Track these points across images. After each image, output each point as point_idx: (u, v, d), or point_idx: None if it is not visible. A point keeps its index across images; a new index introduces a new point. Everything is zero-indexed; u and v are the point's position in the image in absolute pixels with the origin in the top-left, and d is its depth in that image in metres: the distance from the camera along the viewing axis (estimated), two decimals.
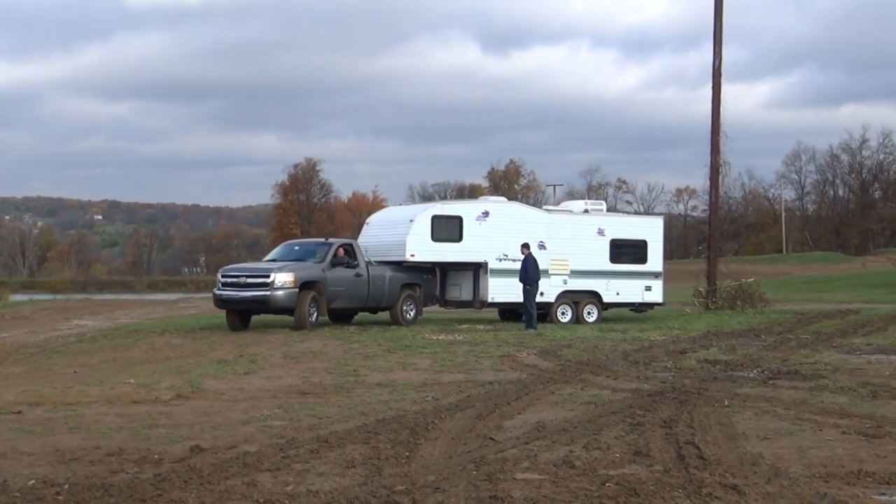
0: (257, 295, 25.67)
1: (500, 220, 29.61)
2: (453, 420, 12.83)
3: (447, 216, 29.18)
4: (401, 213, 33.07)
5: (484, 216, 29.40)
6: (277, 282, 25.49)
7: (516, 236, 29.08)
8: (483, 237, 29.14)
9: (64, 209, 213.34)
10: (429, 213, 29.18)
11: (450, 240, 28.77)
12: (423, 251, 28.38)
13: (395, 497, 8.76)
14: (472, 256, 29.12)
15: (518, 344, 22.44)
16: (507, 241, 29.12)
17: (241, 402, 15.18)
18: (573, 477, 9.48)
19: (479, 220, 29.27)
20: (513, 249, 28.90)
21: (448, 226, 28.89)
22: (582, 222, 31.55)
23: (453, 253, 28.95)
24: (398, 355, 20.72)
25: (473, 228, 29.11)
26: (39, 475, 10.21)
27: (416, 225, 28.41)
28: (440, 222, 28.79)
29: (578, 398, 14.61)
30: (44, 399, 16.06)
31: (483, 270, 29.23)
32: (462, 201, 32.41)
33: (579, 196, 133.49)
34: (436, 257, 28.91)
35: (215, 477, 9.81)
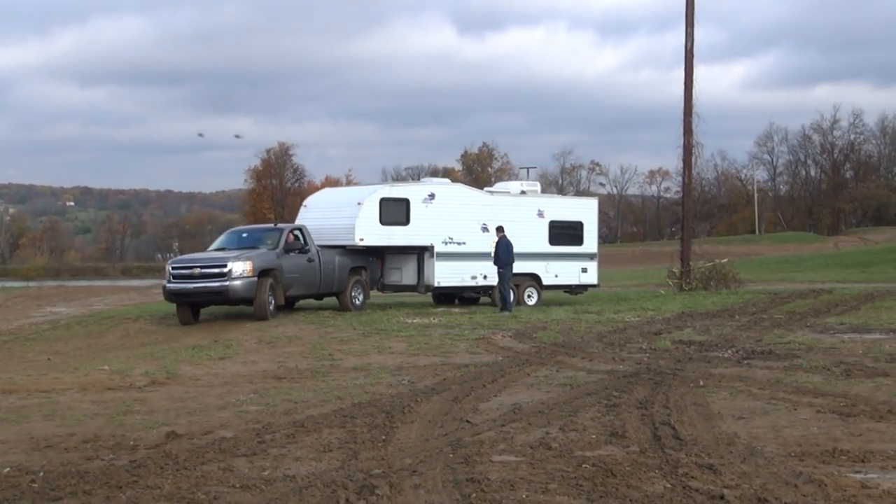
0: (214, 286, 24.45)
1: (446, 203, 29.01)
2: (429, 403, 12.85)
3: (395, 199, 28.28)
4: (345, 195, 32.35)
5: (430, 199, 28.79)
6: (235, 271, 24.36)
7: (461, 219, 29.02)
8: (429, 220, 28.54)
9: (36, 196, 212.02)
10: (377, 195, 28.03)
11: (398, 223, 28.00)
12: (371, 235, 27.55)
13: (372, 480, 8.75)
14: (420, 240, 28.44)
15: (493, 326, 22.46)
16: (452, 223, 28.87)
17: (217, 388, 15.15)
18: (550, 458, 9.50)
19: (425, 202, 28.60)
20: (458, 232, 28.84)
21: (396, 209, 28.11)
22: (522, 204, 31.20)
23: (401, 236, 28.18)
24: (374, 339, 20.71)
25: (420, 211, 28.41)
26: (14, 463, 10.17)
27: (365, 208, 27.39)
28: (388, 205, 27.91)
29: (554, 380, 14.65)
30: (18, 387, 15.99)
31: (429, 254, 28.60)
32: (408, 184, 31.20)
33: (553, 179, 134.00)
34: (384, 241, 28.05)
35: (191, 462, 9.80)
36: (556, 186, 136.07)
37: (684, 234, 37.80)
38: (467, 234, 29.17)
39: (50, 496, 8.76)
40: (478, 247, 29.20)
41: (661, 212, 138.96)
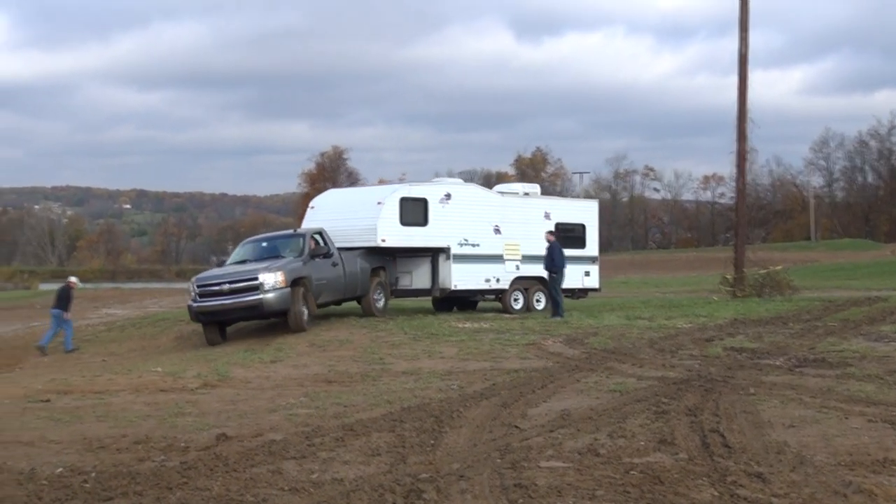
0: (247, 301, 23.08)
1: (461, 204, 28.30)
2: (478, 408, 12.84)
3: (414, 198, 27.34)
4: (359, 195, 31.07)
5: (446, 199, 27.96)
6: (267, 283, 23.05)
7: (476, 220, 28.38)
8: (446, 221, 27.73)
9: (93, 198, 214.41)
10: (397, 195, 27.11)
11: (416, 223, 27.11)
12: (392, 236, 26.60)
13: (420, 485, 8.77)
14: (437, 241, 27.61)
15: (544, 332, 22.39)
16: (468, 224, 28.21)
17: (268, 391, 15.26)
18: (598, 465, 9.46)
19: (442, 202, 27.78)
20: (473, 233, 28.24)
21: (415, 209, 27.22)
22: (530, 206, 30.63)
23: (420, 238, 27.30)
24: (424, 343, 20.73)
25: (437, 212, 27.55)
26: (67, 463, 10.33)
27: (386, 208, 26.50)
28: (408, 205, 27.03)
29: (604, 386, 14.58)
30: (72, 388, 16.23)
31: (445, 256, 27.79)
32: (426, 183, 29.30)
33: (606, 184, 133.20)
34: (405, 242, 27.04)
35: (241, 465, 9.90)
36: (608, 191, 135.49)
37: (738, 241, 37.46)
38: (481, 235, 28.62)
39: (101, 496, 8.89)
40: (491, 249, 28.80)
41: (716, 217, 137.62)
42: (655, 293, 39.83)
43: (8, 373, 19.83)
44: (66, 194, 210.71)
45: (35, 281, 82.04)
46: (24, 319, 36.79)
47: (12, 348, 25.59)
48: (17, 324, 35.00)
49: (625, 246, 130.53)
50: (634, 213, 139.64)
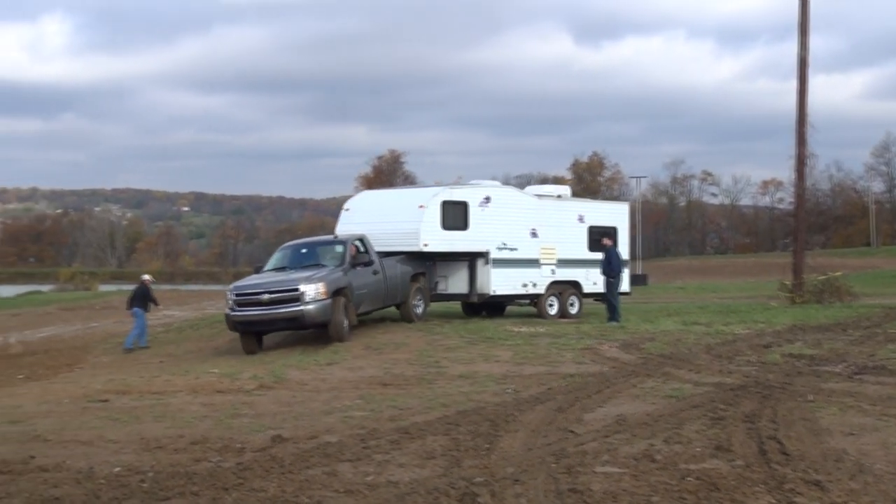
0: (287, 312, 22.25)
1: (500, 207, 27.68)
2: (534, 412, 12.81)
3: (455, 202, 26.61)
4: (397, 197, 29.80)
5: (486, 202, 27.30)
6: (308, 294, 22.20)
7: (513, 224, 27.86)
8: (485, 224, 27.11)
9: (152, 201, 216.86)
10: (439, 198, 26.25)
11: (457, 228, 26.47)
12: (434, 240, 25.86)
13: (475, 489, 8.76)
14: (477, 245, 26.92)
15: (600, 337, 22.27)
16: (506, 228, 27.64)
17: (323, 393, 15.32)
18: (653, 471, 9.41)
19: (481, 206, 27.11)
20: (511, 237, 27.66)
21: (455, 212, 26.50)
22: (565, 209, 30.04)
23: (461, 242, 26.59)
24: (480, 347, 20.71)
25: (477, 215, 26.91)
26: (125, 463, 10.44)
27: (428, 212, 25.72)
28: (449, 209, 26.30)
29: (660, 392, 14.49)
30: (130, 388, 16.40)
31: (484, 260, 27.12)
32: (466, 185, 28.46)
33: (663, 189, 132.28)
34: (446, 246, 26.32)
35: (296, 466, 9.94)
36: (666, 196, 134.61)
37: (797, 246, 37.11)
38: (519, 239, 28.06)
39: (158, 496, 8.97)
40: (528, 253, 28.31)
41: (774, 223, 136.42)
42: (713, 298, 39.52)
43: (68, 373, 20.07)
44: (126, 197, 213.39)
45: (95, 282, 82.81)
46: (83, 320, 37.25)
47: (72, 349, 25.90)
48: (77, 324, 35.46)
49: (682, 251, 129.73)
50: (692, 217, 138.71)
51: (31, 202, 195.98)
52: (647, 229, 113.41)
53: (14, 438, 12.35)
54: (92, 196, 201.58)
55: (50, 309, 44.80)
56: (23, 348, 27.70)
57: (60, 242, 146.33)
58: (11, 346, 28.72)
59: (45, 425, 13.22)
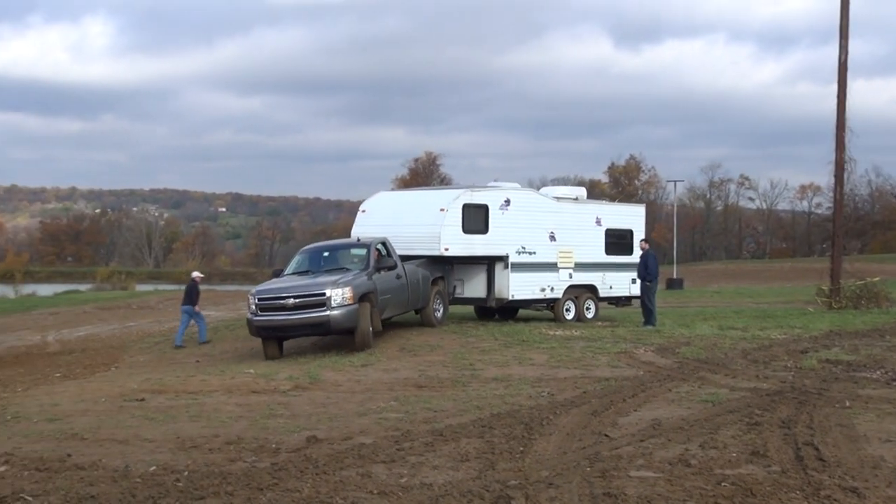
0: (313, 317, 21.53)
1: (520, 210, 27.08)
2: (568, 416, 12.78)
3: (476, 205, 26.04)
4: (416, 199, 28.81)
5: (506, 205, 26.71)
6: (335, 299, 21.48)
7: (532, 227, 27.34)
8: (505, 228, 26.56)
9: (189, 201, 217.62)
10: (460, 200, 25.68)
11: (478, 231, 25.93)
12: (455, 244, 25.38)
13: (509, 492, 8.77)
14: (497, 249, 26.46)
15: (635, 340, 22.20)
16: (525, 231, 27.14)
17: (358, 394, 15.32)
18: (688, 476, 9.38)
19: (501, 209, 26.56)
20: (530, 241, 27.19)
21: (476, 216, 25.94)
22: (582, 211, 29.47)
23: (481, 246, 26.11)
24: (515, 350, 20.68)
25: (497, 218, 26.37)
26: (160, 462, 10.49)
27: (450, 215, 25.22)
28: (470, 212, 25.75)
29: (696, 396, 14.41)
30: (166, 387, 16.47)
31: (503, 264, 26.67)
32: (486, 188, 27.69)
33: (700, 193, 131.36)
34: (466, 250, 25.84)
35: (331, 467, 9.96)
36: (703, 200, 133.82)
37: (835, 251, 36.81)
38: (538, 242, 27.59)
39: (193, 495, 9.01)
40: (547, 256, 27.79)
41: (812, 228, 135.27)
42: (749, 303, 39.24)
43: (105, 372, 20.20)
44: (164, 197, 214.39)
45: (132, 282, 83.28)
46: (121, 320, 37.52)
47: (109, 348, 26.07)
48: (114, 324, 35.70)
49: (718, 255, 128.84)
50: (728, 222, 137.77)
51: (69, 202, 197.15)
52: (684, 233, 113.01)
53: (51, 436, 12.42)
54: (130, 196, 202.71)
55: (87, 308, 45.16)
56: (60, 347, 27.93)
57: (98, 242, 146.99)
58: (49, 345, 28.96)
59: (81, 424, 13.29)
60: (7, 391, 17.44)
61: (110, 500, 8.93)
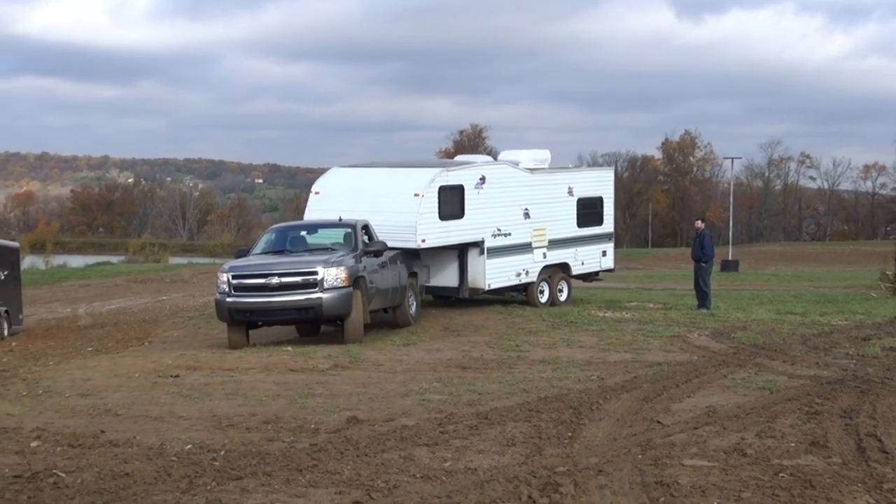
0: (301, 300, 18.86)
1: (495, 187, 24.27)
2: (619, 401, 12.48)
3: (451, 186, 23.11)
4: (381, 179, 24.60)
5: (481, 183, 23.83)
6: (328, 279, 18.84)
7: (507, 205, 24.66)
8: (481, 210, 23.76)
9: (225, 172, 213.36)
10: (436, 183, 22.65)
11: (453, 216, 23.08)
12: (432, 234, 22.44)
13: (557, 478, 8.56)
14: (472, 234, 23.62)
15: (689, 324, 21.77)
16: (500, 211, 24.37)
17: (400, 374, 15.10)
18: (744, 465, 9.12)
19: (476, 188, 23.71)
20: (506, 221, 24.51)
21: (452, 199, 23.06)
22: (556, 181, 26.76)
23: (456, 232, 23.21)
24: (563, 332, 20.35)
25: (473, 200, 23.56)
26: (196, 440, 10.35)
27: (425, 201, 22.22)
28: (445, 195, 22.85)
29: (752, 383, 14.00)
30: (201, 364, 16.33)
31: (478, 250, 23.86)
32: (461, 166, 24.54)
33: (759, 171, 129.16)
34: (443, 240, 22.91)
35: (372, 449, 9.78)
36: (761, 179, 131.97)
37: None
38: (512, 222, 24.86)
39: (230, 475, 8.87)
40: (521, 237, 25.10)
41: (875, 209, 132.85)
42: (808, 287, 38.54)
43: (137, 346, 20.07)
44: (199, 167, 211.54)
45: (165, 254, 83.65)
46: (153, 293, 37.55)
47: (141, 322, 25.96)
48: (146, 297, 35.73)
49: (776, 237, 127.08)
50: (788, 202, 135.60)
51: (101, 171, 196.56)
52: (740, 213, 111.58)
53: (84, 412, 12.32)
54: (164, 165, 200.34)
55: (119, 281, 45.41)
56: (91, 320, 27.89)
57: (131, 213, 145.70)
58: (80, 318, 28.95)
59: (115, 399, 13.18)
60: (38, 365, 17.33)
61: (145, 478, 8.81)
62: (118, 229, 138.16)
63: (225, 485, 8.54)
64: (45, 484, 8.66)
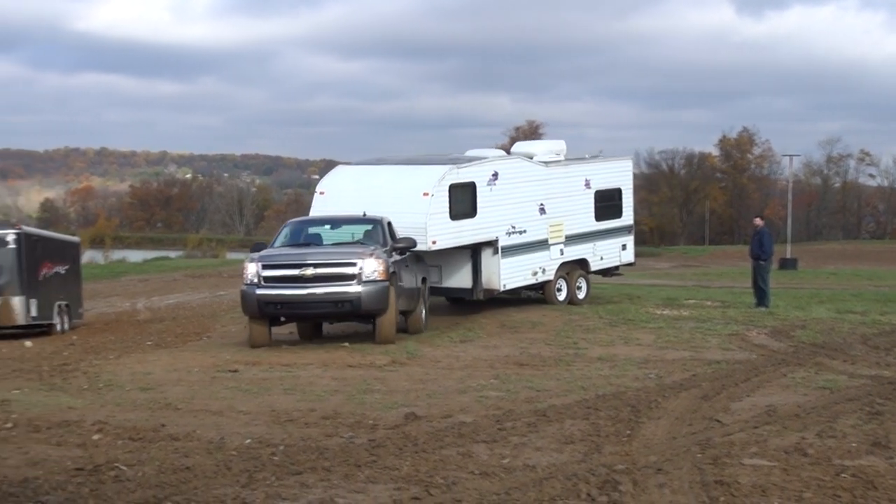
0: (339, 293, 17.73)
1: (508, 183, 23.11)
2: (677, 399, 12.40)
3: (462, 184, 21.88)
4: (389, 178, 22.92)
5: (493, 179, 22.64)
6: (367, 272, 17.76)
7: (521, 201, 23.49)
8: (494, 207, 22.57)
9: (282, 167, 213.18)
10: (446, 181, 21.41)
11: (465, 215, 21.87)
12: (444, 235, 21.21)
13: (616, 476, 8.50)
14: (486, 234, 22.43)
15: (748, 323, 21.57)
16: (514, 208, 23.23)
17: (457, 371, 15.10)
18: (805, 465, 9.00)
19: (489, 184, 22.52)
20: (520, 218, 23.35)
21: (463, 197, 21.86)
22: (572, 174, 25.54)
23: (469, 232, 22.00)
24: (620, 329, 20.25)
25: (485, 197, 22.38)
26: (255, 434, 10.40)
27: (435, 201, 20.99)
28: (457, 194, 21.65)
29: (812, 382, 13.87)
30: (260, 359, 16.43)
31: (492, 250, 22.65)
32: (472, 162, 23.04)
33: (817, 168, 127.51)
34: (454, 241, 21.67)
35: (430, 445, 9.77)
36: (819, 176, 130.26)
37: None
38: (527, 218, 23.70)
39: (290, 470, 8.88)
40: (538, 234, 23.96)
41: None
42: (868, 286, 38.03)
43: (196, 341, 20.19)
44: (256, 163, 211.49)
45: (222, 249, 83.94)
46: (211, 288, 37.84)
47: (200, 317, 26.13)
48: (204, 292, 35.99)
49: (835, 235, 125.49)
50: (847, 200, 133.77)
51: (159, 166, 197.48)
52: (798, 210, 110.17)
53: (144, 405, 12.43)
54: (221, 161, 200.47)
55: (177, 276, 45.81)
56: (150, 315, 28.12)
57: (189, 208, 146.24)
58: (139, 312, 29.20)
59: (175, 393, 13.30)
60: (99, 358, 17.51)
61: (205, 472, 8.84)
62: (176, 225, 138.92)
63: (284, 479, 8.56)
64: (107, 477, 8.72)
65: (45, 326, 23.95)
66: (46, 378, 15.08)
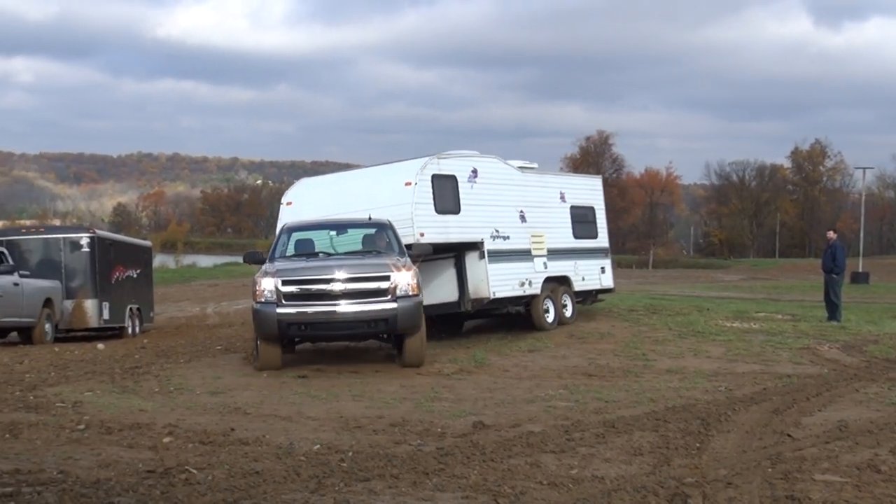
0: (373, 310, 15.76)
1: (487, 182, 21.62)
2: (747, 413, 12.26)
3: (443, 176, 20.37)
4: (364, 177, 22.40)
5: (473, 176, 21.12)
6: (401, 287, 15.89)
7: (502, 204, 22.03)
8: (476, 205, 21.04)
9: None
10: (428, 171, 19.93)
11: (450, 211, 20.31)
12: (430, 228, 19.43)
13: (685, 489, 8.38)
14: (471, 233, 20.77)
15: (819, 336, 21.33)
16: (496, 210, 21.71)
17: (525, 380, 15.08)
18: (878, 482, 8.81)
19: (469, 181, 21.01)
20: (503, 222, 21.82)
21: (446, 191, 20.33)
22: (547, 184, 24.32)
23: (455, 230, 20.36)
24: (689, 341, 20.11)
25: (467, 193, 20.84)
26: (324, 440, 10.42)
27: (419, 190, 19.44)
28: (439, 185, 20.11)
29: (885, 398, 13.65)
30: (328, 365, 16.48)
31: (478, 254, 20.86)
32: (452, 155, 21.42)
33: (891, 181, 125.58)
34: (442, 237, 19.76)
35: (498, 455, 9.71)
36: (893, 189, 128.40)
37: None
38: (509, 224, 22.14)
39: (358, 476, 8.86)
40: (520, 242, 22.37)
41: None
42: None
43: None
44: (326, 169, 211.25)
45: None
46: None
47: None
48: None
49: None
50: None
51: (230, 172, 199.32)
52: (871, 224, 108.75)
53: (214, 409, 12.54)
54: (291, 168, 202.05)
55: (246, 281, 45.81)
56: (219, 319, 28.41)
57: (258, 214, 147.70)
58: (209, 317, 29.52)
59: (244, 398, 13.42)
60: (170, 362, 17.74)
61: (275, 476, 8.86)
62: (246, 230, 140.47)
63: (353, 486, 8.58)
64: (178, 480, 8.77)
65: (117, 329, 24.33)
66: (118, 380, 15.27)
